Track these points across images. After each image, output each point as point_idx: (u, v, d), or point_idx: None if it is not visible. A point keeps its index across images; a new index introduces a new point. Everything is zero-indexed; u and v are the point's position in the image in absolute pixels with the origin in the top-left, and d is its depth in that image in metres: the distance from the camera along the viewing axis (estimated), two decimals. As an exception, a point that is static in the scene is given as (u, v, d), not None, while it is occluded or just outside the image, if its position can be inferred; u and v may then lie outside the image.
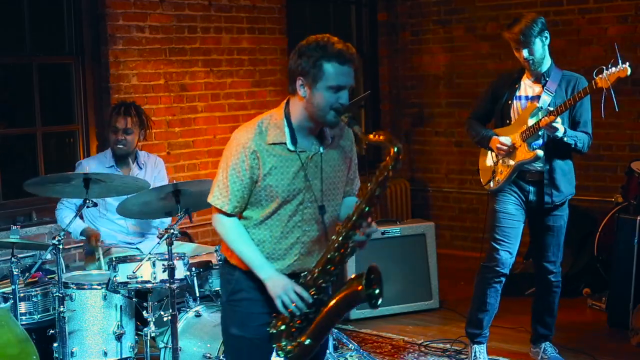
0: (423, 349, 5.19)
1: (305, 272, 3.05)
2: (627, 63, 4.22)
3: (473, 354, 4.78)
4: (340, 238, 2.96)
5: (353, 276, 2.99)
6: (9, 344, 3.80)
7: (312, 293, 3.00)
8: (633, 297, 5.34)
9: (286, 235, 3.06)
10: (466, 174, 7.58)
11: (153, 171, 5.04)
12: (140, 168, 5.00)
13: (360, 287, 2.92)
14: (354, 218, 2.94)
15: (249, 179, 3.00)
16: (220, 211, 3.07)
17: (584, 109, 4.52)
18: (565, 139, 4.40)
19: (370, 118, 7.99)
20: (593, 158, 6.57)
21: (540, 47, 4.45)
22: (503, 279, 4.64)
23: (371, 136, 2.90)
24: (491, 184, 4.70)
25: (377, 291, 2.97)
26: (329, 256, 2.99)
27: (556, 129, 4.34)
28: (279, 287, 3.00)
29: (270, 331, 3.05)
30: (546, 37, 4.46)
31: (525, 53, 4.44)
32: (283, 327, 3.03)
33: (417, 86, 7.97)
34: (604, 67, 4.26)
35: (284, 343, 3.02)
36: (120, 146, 4.90)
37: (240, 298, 3.10)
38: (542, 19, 4.45)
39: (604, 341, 5.28)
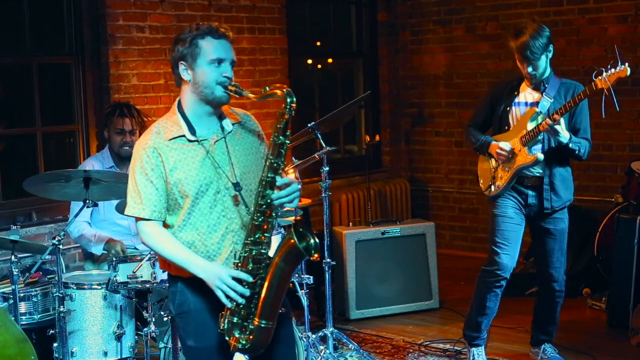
0: (423, 349, 5.19)
1: (236, 251, 2.96)
2: (627, 63, 4.21)
3: (471, 357, 4.78)
4: (259, 199, 2.91)
5: (283, 235, 2.92)
6: (6, 345, 3.80)
7: (250, 269, 2.91)
8: (633, 297, 5.34)
9: (213, 228, 2.99)
10: (466, 174, 7.58)
11: None
12: None
13: (292, 241, 2.87)
14: (265, 174, 2.91)
15: (157, 178, 2.96)
16: (140, 219, 3.00)
17: (583, 116, 4.51)
18: (570, 145, 4.38)
19: (370, 118, 7.98)
20: (593, 158, 6.56)
21: (544, 62, 4.43)
22: (504, 283, 4.63)
23: (259, 95, 2.94)
24: (492, 188, 4.68)
25: (311, 241, 2.93)
26: (255, 223, 2.91)
27: (558, 132, 4.31)
28: (215, 277, 2.91)
29: (221, 327, 2.95)
30: (550, 51, 4.43)
31: (529, 69, 4.42)
32: (234, 319, 2.93)
33: (417, 86, 7.97)
34: (603, 69, 4.25)
35: (237, 335, 2.92)
36: (127, 148, 4.90)
37: (188, 309, 3.04)
38: (547, 32, 4.40)
39: (604, 341, 5.28)
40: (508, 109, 4.61)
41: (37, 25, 5.62)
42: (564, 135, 4.34)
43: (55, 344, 4.17)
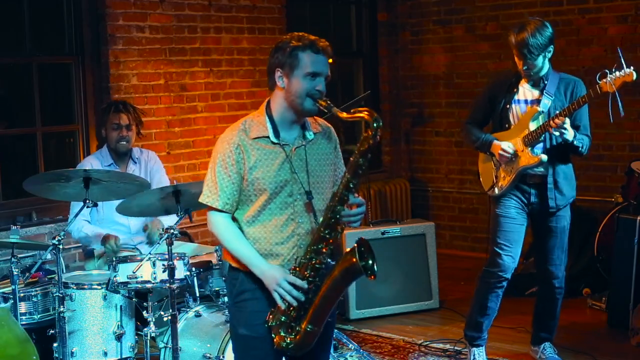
0: (423, 349, 5.19)
1: (297, 256, 3.08)
2: (632, 67, 4.18)
3: (472, 357, 4.78)
4: (329, 214, 3.01)
5: (345, 251, 3.01)
6: (9, 344, 3.80)
7: (307, 275, 3.02)
8: (633, 297, 5.34)
9: (280, 229, 3.09)
10: (466, 174, 7.58)
11: (147, 165, 5.08)
12: (135, 163, 5.04)
13: (354, 260, 2.97)
14: (340, 191, 3.00)
15: (235, 174, 3.07)
16: (212, 209, 3.12)
17: (583, 112, 4.49)
18: (575, 142, 4.36)
19: (370, 118, 7.97)
20: (593, 158, 6.57)
21: (541, 62, 4.40)
22: (505, 284, 4.62)
23: (347, 115, 3.04)
24: (495, 190, 4.66)
25: (370, 262, 3.03)
26: (320, 235, 3.02)
27: (565, 132, 4.29)
28: (273, 280, 3.03)
29: (269, 324, 3.06)
30: (549, 52, 4.40)
31: (525, 65, 4.40)
32: (282, 318, 3.04)
33: (417, 86, 7.97)
34: (607, 71, 4.22)
35: (283, 334, 3.03)
36: (124, 142, 4.94)
37: (245, 299, 3.13)
38: (549, 32, 4.34)
39: (604, 341, 5.28)
40: (508, 106, 4.58)
41: (37, 25, 5.62)
42: (570, 133, 4.32)
43: (55, 344, 4.18)
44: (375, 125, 3.00)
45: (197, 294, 4.36)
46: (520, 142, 4.51)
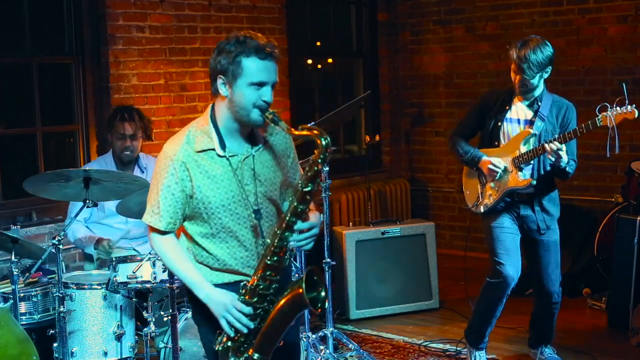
0: (423, 349, 5.19)
1: (244, 282, 2.91)
2: (634, 105, 4.15)
3: (472, 358, 4.77)
4: (276, 241, 2.83)
5: (294, 280, 2.87)
6: (9, 345, 3.80)
7: (255, 302, 2.87)
8: (633, 297, 5.34)
9: (243, 243, 2.96)
10: (466, 174, 7.57)
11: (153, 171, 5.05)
12: (142, 171, 4.99)
13: (300, 290, 2.80)
14: (287, 218, 2.82)
15: (180, 192, 2.90)
16: (154, 230, 2.96)
17: (571, 145, 4.41)
18: (567, 168, 4.33)
19: (370, 118, 7.98)
20: (593, 158, 6.57)
21: (537, 80, 4.37)
22: (509, 292, 4.58)
23: (296, 131, 2.82)
24: (481, 207, 4.62)
25: (322, 294, 2.86)
26: (267, 262, 2.85)
27: (561, 158, 4.25)
28: (220, 306, 2.88)
29: (216, 348, 2.94)
30: (547, 72, 4.37)
31: (520, 81, 4.36)
32: (229, 343, 2.91)
33: (417, 86, 7.97)
34: (608, 105, 4.18)
35: (232, 359, 2.91)
36: (128, 153, 4.90)
37: (203, 312, 3.00)
38: (550, 52, 4.31)
39: (604, 341, 5.28)
40: (499, 124, 4.53)
41: (37, 25, 5.62)
42: (565, 159, 4.28)
43: (55, 344, 4.18)
44: (324, 144, 2.77)
45: (197, 294, 4.35)
46: (510, 163, 4.48)
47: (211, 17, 6.38)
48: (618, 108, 4.16)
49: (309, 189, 2.81)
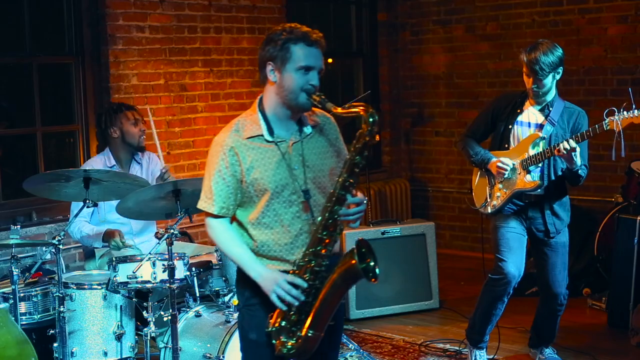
0: (423, 349, 5.19)
1: (297, 259, 3.00)
2: None
3: (473, 358, 4.78)
4: (327, 214, 2.92)
5: (344, 254, 2.94)
6: (7, 346, 3.79)
7: (306, 279, 2.93)
8: (633, 297, 5.34)
9: (288, 229, 3.02)
10: (466, 174, 7.55)
11: (149, 166, 5.07)
12: (139, 163, 5.03)
13: (353, 261, 2.89)
14: (337, 191, 2.91)
15: (230, 177, 3.00)
16: (209, 215, 3.06)
17: (582, 144, 4.41)
18: (580, 170, 4.34)
19: (370, 118, 7.97)
20: (593, 158, 6.54)
21: (550, 82, 4.40)
22: (511, 291, 4.59)
23: (342, 109, 2.94)
24: (488, 208, 4.65)
25: (372, 264, 2.95)
26: (318, 236, 2.93)
27: (574, 160, 4.25)
28: (271, 281, 2.95)
29: (268, 329, 2.98)
30: (559, 73, 4.41)
31: (534, 85, 4.40)
32: (283, 322, 2.96)
33: (417, 86, 7.97)
34: (615, 109, 4.20)
35: (284, 339, 2.95)
36: (144, 137, 4.95)
37: (255, 302, 3.05)
38: (560, 53, 4.38)
39: (604, 341, 5.28)
40: (510, 127, 4.56)
41: (37, 25, 5.62)
42: (578, 162, 4.29)
43: (55, 344, 4.18)
44: (371, 120, 2.90)
45: (197, 294, 4.36)
46: (518, 165, 4.50)
47: (211, 17, 6.38)
48: (625, 113, 4.18)
49: (357, 160, 2.91)
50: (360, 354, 4.93)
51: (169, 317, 4.07)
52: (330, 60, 7.97)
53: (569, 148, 4.22)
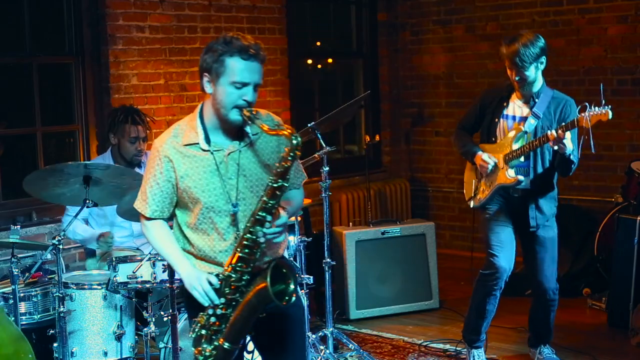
0: (423, 349, 5.19)
1: (218, 272, 3.00)
2: (610, 106, 4.15)
3: (471, 358, 4.78)
4: (247, 235, 2.92)
5: (261, 271, 2.93)
6: (3, 344, 3.79)
7: (226, 292, 2.94)
8: (633, 297, 5.34)
9: (223, 237, 3.03)
10: (466, 174, 7.57)
11: None
12: (141, 167, 5.01)
13: (264, 284, 2.88)
14: (257, 213, 2.90)
15: (165, 183, 3.03)
16: (143, 216, 3.12)
17: (572, 135, 4.39)
18: (571, 156, 4.30)
19: (370, 118, 7.98)
20: (593, 158, 6.57)
21: (534, 73, 4.38)
22: (502, 285, 4.62)
23: (270, 130, 2.92)
24: (472, 202, 4.72)
25: (291, 287, 2.93)
26: (239, 254, 2.93)
27: (565, 146, 4.23)
28: (194, 279, 2.99)
29: (190, 335, 3.01)
30: (542, 63, 4.39)
31: (517, 77, 4.39)
32: (203, 331, 2.99)
33: (417, 86, 7.97)
34: (587, 104, 4.19)
35: (204, 346, 2.98)
36: (140, 157, 4.92)
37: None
38: (541, 43, 4.35)
39: (604, 341, 5.28)
40: (496, 120, 4.58)
41: (37, 25, 5.62)
42: (569, 147, 4.26)
43: (55, 344, 4.18)
44: (294, 143, 2.87)
45: (197, 294, 4.35)
46: (501, 159, 4.51)
47: (211, 17, 6.38)
48: (595, 109, 4.17)
49: (278, 184, 2.90)
50: (360, 354, 4.93)
51: (169, 317, 4.06)
52: (330, 61, 7.98)
53: (556, 136, 4.20)
